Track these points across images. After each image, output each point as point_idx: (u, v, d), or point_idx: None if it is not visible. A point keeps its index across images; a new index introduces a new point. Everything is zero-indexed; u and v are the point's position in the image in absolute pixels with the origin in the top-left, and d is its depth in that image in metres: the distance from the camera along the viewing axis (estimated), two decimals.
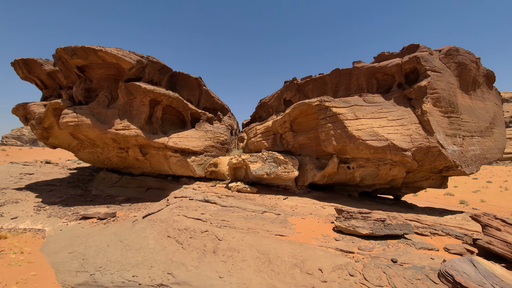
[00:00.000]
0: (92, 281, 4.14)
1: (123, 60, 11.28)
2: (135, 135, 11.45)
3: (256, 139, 12.07)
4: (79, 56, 10.98)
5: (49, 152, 55.12)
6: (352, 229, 4.89)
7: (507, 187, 31.73)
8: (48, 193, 14.42)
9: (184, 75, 14.86)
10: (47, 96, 15.62)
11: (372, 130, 8.31)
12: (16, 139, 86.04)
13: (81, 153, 15.14)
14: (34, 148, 73.22)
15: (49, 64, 14.67)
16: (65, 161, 32.55)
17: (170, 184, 13.84)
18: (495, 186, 32.81)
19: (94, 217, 9.28)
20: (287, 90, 12.40)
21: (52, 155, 48.65)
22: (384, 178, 9.12)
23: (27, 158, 40.13)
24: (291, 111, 9.84)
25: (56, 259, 5.56)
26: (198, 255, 4.29)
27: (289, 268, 3.65)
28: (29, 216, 9.97)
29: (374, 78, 10.42)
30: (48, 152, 56.19)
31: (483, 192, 29.82)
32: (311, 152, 10.20)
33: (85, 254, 5.25)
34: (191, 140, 13.28)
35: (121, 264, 4.38)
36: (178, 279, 3.69)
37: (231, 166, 11.09)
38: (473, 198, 24.87)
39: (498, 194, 28.65)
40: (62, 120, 10.79)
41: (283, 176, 9.39)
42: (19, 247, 6.75)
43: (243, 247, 4.34)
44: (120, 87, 11.77)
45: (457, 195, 26.59)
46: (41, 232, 8.12)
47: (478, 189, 31.03)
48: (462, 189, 30.41)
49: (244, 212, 6.63)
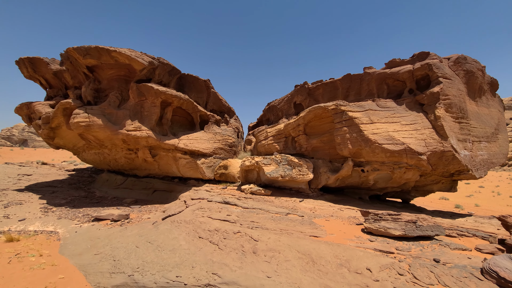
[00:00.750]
0: (132, 282, 4.08)
1: (135, 61, 11.24)
2: (146, 136, 11.36)
3: (267, 141, 12.14)
4: (92, 56, 10.89)
5: (41, 153, 53.83)
6: (384, 230, 4.98)
7: (499, 192, 32.67)
8: (51, 194, 14.10)
9: (193, 77, 14.88)
10: (51, 95, 15.35)
11: (387, 134, 8.49)
12: (6, 139, 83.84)
13: (86, 154, 14.88)
14: (26, 149, 71.38)
15: (55, 64, 14.47)
16: (61, 162, 31.88)
17: (177, 186, 13.71)
18: (487, 191, 33.73)
19: (107, 219, 9.11)
20: (298, 94, 12.56)
21: (45, 156, 47.52)
22: (398, 182, 9.30)
23: (19, 158, 39.08)
24: (306, 115, 9.97)
25: (81, 261, 5.45)
26: (238, 256, 4.29)
27: (335, 268, 3.70)
28: (38, 217, 9.73)
29: (384, 83, 10.68)
30: (40, 153, 54.87)
31: (476, 196, 30.60)
32: (324, 155, 10.32)
33: (114, 255, 5.17)
34: (200, 142, 13.24)
35: (160, 265, 4.34)
36: (225, 279, 3.69)
37: (243, 168, 11.11)
38: (467, 203, 25.46)
39: (491, 198, 29.45)
40: (73, 120, 10.62)
41: (298, 178, 9.46)
42: (36, 249, 6.58)
43: (282, 247, 4.37)
44: (132, 88, 11.70)
45: (452, 199, 27.16)
46: (54, 234, 7.93)
47: (471, 193, 31.82)
48: (456, 194, 31.09)
49: (268, 214, 6.65)
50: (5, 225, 8.85)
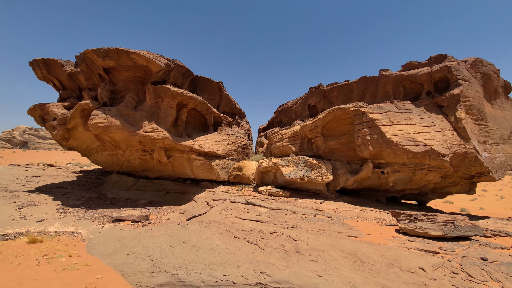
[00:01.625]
0: (177, 281, 4.07)
1: (153, 63, 11.32)
2: (163, 138, 11.38)
3: (282, 143, 12.16)
4: (111, 57, 10.97)
5: (44, 155, 53.84)
6: (421, 230, 4.98)
7: (503, 196, 32.69)
8: (64, 196, 14.07)
9: (206, 79, 14.97)
10: (65, 97, 15.42)
11: (409, 135, 8.53)
12: (6, 141, 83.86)
13: (99, 155, 14.88)
14: (28, 151, 71.42)
15: (70, 65, 14.56)
16: (66, 164, 31.89)
17: (191, 188, 13.70)
18: (491, 194, 33.74)
19: (128, 220, 9.09)
20: (312, 96, 12.63)
21: (47, 158, 47.54)
22: (418, 183, 9.31)
23: (22, 160, 39.09)
24: (325, 116, 10.01)
25: (115, 261, 5.43)
26: (281, 255, 4.28)
27: (386, 267, 3.69)
28: (56, 218, 9.70)
29: (401, 86, 10.75)
30: (42, 155, 54.88)
31: (480, 200, 30.60)
32: (342, 157, 10.34)
33: (150, 255, 5.15)
34: (214, 143, 13.27)
35: (202, 264, 4.32)
36: (275, 278, 3.68)
37: (260, 169, 11.12)
38: (472, 206, 25.42)
39: (495, 202, 29.45)
40: (92, 121, 10.65)
41: (317, 180, 9.46)
42: (63, 250, 6.55)
43: (324, 247, 4.36)
44: (149, 89, 11.76)
45: (456, 202, 27.15)
46: (77, 235, 7.90)
47: (475, 197, 31.81)
48: (460, 197, 31.10)
49: (296, 215, 6.65)
50: (23, 227, 8.83)
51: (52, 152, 72.38)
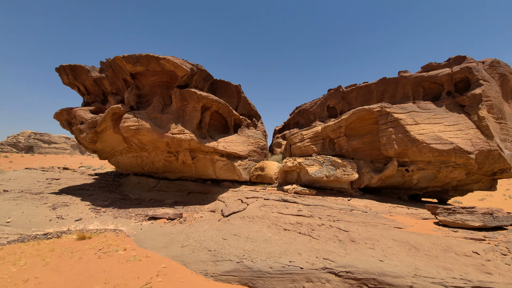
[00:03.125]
0: (243, 267, 4.44)
1: (180, 68, 11.80)
2: (190, 139, 11.81)
3: (303, 144, 12.54)
4: (142, 63, 11.47)
5: (52, 159, 54.66)
6: (461, 222, 5.32)
7: (511, 195, 32.65)
8: (89, 197, 14.53)
9: (225, 83, 15.44)
10: (89, 102, 15.97)
11: (434, 134, 8.87)
12: (12, 146, 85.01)
13: (122, 157, 15.35)
14: (36, 155, 72.44)
15: (95, 71, 15.12)
16: (78, 167, 32.50)
17: (213, 188, 14.09)
18: (499, 194, 33.68)
19: (163, 218, 9.49)
20: (331, 97, 13.01)
21: (56, 162, 48.34)
22: (442, 181, 9.62)
23: (32, 164, 39.79)
24: (349, 117, 10.39)
25: (171, 253, 5.82)
26: (337, 244, 4.64)
27: (442, 252, 4.04)
28: (93, 217, 10.13)
29: (420, 86, 11.10)
30: (50, 159, 55.70)
31: (488, 200, 30.62)
32: (365, 156, 10.69)
33: (206, 247, 5.53)
34: (236, 144, 13.68)
35: (264, 253, 4.70)
36: (340, 263, 4.04)
37: (284, 169, 11.49)
38: (481, 206, 25.43)
39: (504, 202, 29.44)
40: (124, 124, 11.12)
41: (343, 178, 9.81)
42: (115, 245, 6.96)
43: (376, 236, 4.72)
44: (175, 93, 12.23)
45: (465, 202, 27.26)
46: (120, 232, 8.30)
47: (483, 197, 31.83)
48: (468, 197, 31.15)
49: (333, 210, 7.00)
50: (62, 225, 9.27)
51: (59, 156, 73.32)
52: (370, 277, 3.70)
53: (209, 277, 4.64)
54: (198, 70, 13.17)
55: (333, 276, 3.92)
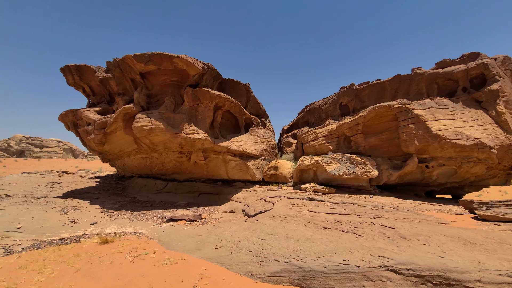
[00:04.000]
0: (294, 267, 4.29)
1: (193, 66, 11.59)
2: (203, 139, 11.61)
3: (317, 142, 12.46)
4: (154, 62, 11.22)
5: (46, 163, 53.37)
6: (501, 215, 5.30)
7: (507, 191, 33.30)
8: (97, 200, 14.16)
9: (234, 82, 15.27)
10: (94, 102, 15.58)
11: (455, 129, 8.90)
12: (3, 150, 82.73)
13: (130, 159, 14.99)
14: (29, 159, 70.60)
15: (101, 71, 14.76)
16: (77, 171, 31.80)
17: (224, 189, 13.89)
18: (495, 191, 34.24)
19: (183, 219, 9.26)
20: (344, 95, 12.99)
21: (50, 166, 47.22)
22: (462, 176, 9.67)
23: (27, 169, 38.69)
24: (367, 114, 10.36)
25: (205, 254, 5.63)
26: (386, 241, 4.55)
27: (498, 245, 3.99)
28: (108, 220, 9.83)
29: (435, 83, 11.17)
30: (44, 163, 54.37)
31: (485, 196, 31.12)
32: (382, 153, 10.67)
33: (244, 247, 5.36)
34: (248, 144, 13.53)
35: (312, 252, 4.56)
36: (398, 260, 3.94)
37: (301, 167, 11.39)
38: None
39: (500, 198, 29.96)
40: (137, 125, 10.84)
41: (363, 176, 9.76)
42: (142, 248, 6.72)
43: (425, 232, 4.64)
44: (187, 92, 12.01)
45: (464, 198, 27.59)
46: (141, 235, 8.04)
47: (480, 193, 32.30)
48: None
49: (364, 207, 6.92)
50: (78, 230, 8.95)
51: (53, 160, 71.76)
52: (434, 274, 3.61)
53: (256, 278, 4.48)
54: (208, 69, 12.99)
55: (393, 274, 3.81)
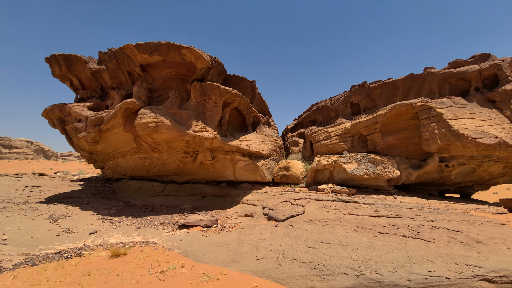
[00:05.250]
0: (369, 282, 3.73)
1: (201, 59, 10.74)
2: (213, 137, 10.77)
3: (330, 141, 12.10)
4: (160, 53, 10.20)
5: (17, 165, 48.89)
6: None
7: (496, 191, 34.48)
8: (88, 205, 12.80)
9: (239, 78, 14.56)
10: (84, 97, 14.10)
11: (477, 128, 8.89)
12: None
13: (125, 159, 13.70)
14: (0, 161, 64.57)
15: (93, 63, 13.37)
16: (55, 173, 29.30)
17: (231, 191, 13.09)
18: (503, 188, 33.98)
19: (198, 225, 8.39)
20: (356, 94, 12.76)
21: (21, 168, 43.27)
22: (479, 175, 9.71)
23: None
24: (387, 112, 10.13)
25: (247, 267, 4.92)
26: (462, 247, 4.12)
27: None
28: (109, 229, 8.72)
29: (447, 83, 11.24)
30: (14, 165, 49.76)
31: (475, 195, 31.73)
32: (400, 152, 10.50)
33: (295, 258, 4.72)
34: (257, 143, 12.85)
35: (384, 261, 4.03)
36: (488, 268, 3.50)
37: (315, 168, 10.93)
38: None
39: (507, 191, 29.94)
40: (141, 121, 9.77)
41: (384, 176, 9.49)
42: (164, 261, 5.83)
43: (497, 235, 4.29)
44: (195, 87, 11.11)
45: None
46: (155, 244, 7.10)
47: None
48: None
49: (405, 208, 6.56)
50: (76, 241, 7.80)
51: (24, 162, 66.17)
52: None
53: None
54: (215, 63, 12.20)
55: (487, 284, 3.38)
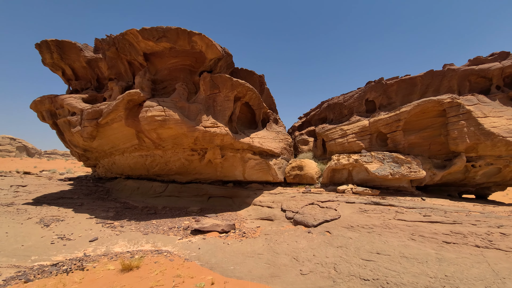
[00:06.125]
0: None
1: (213, 48, 9.84)
2: (225, 134, 9.92)
3: (346, 139, 11.50)
4: (169, 39, 9.22)
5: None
6: None
7: None
8: (82, 207, 11.67)
9: (247, 72, 13.71)
10: (77, 89, 12.85)
11: (506, 127, 8.50)
12: None
13: (123, 157, 12.57)
14: None
15: (88, 51, 12.16)
16: (40, 172, 27.45)
17: (240, 191, 12.25)
18: None
19: (214, 231, 7.53)
20: (372, 91, 12.23)
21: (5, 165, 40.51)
22: (503, 176, 9.37)
23: None
24: (412, 109, 9.61)
25: (293, 285, 4.15)
26: None
27: None
28: (111, 235, 7.72)
29: (467, 80, 10.87)
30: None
31: None
32: (422, 152, 10.03)
33: (352, 273, 3.99)
34: (269, 141, 12.08)
35: (475, 278, 3.35)
36: None
37: (337, 167, 10.29)
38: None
39: None
40: (147, 114, 8.77)
41: (410, 176, 8.97)
42: (187, 275, 4.95)
43: None
44: (205, 78, 10.19)
45: None
46: (170, 254, 6.19)
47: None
48: None
49: (449, 212, 5.99)
50: (74, 250, 6.79)
51: (6, 159, 62.50)
52: None
53: None
54: (225, 55, 11.31)
55: None
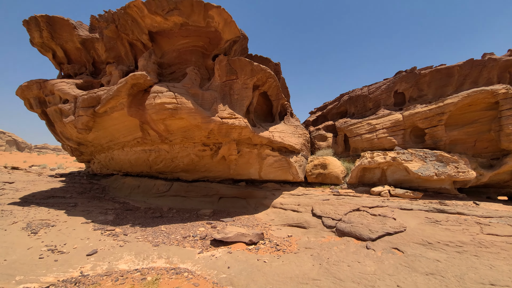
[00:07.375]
0: None
1: (232, 26, 8.46)
2: (244, 126, 8.60)
3: (375, 135, 10.32)
4: (181, 12, 7.76)
5: None
6: None
7: None
8: (76, 208, 10.26)
9: (262, 59, 12.35)
10: (70, 73, 11.26)
11: None
12: None
13: (123, 152, 11.10)
14: None
15: (83, 29, 10.59)
16: (29, 167, 25.67)
17: (255, 192, 10.97)
18: None
19: (240, 241, 6.25)
20: (402, 81, 11.05)
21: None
22: None
23: None
24: (460, 101, 8.45)
25: None
26: None
27: None
28: (114, 246, 6.35)
29: (507, 72, 9.81)
30: None
31: None
32: (466, 149, 8.93)
33: None
34: (288, 135, 10.79)
35: None
36: None
37: (370, 166, 9.11)
38: None
39: None
40: (155, 101, 7.36)
41: (458, 177, 7.85)
42: None
43: None
44: (221, 62, 8.80)
45: None
46: (190, 274, 4.90)
47: None
48: None
49: None
50: (69, 267, 5.40)
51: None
52: None
53: None
54: (242, 37, 9.96)
55: None
